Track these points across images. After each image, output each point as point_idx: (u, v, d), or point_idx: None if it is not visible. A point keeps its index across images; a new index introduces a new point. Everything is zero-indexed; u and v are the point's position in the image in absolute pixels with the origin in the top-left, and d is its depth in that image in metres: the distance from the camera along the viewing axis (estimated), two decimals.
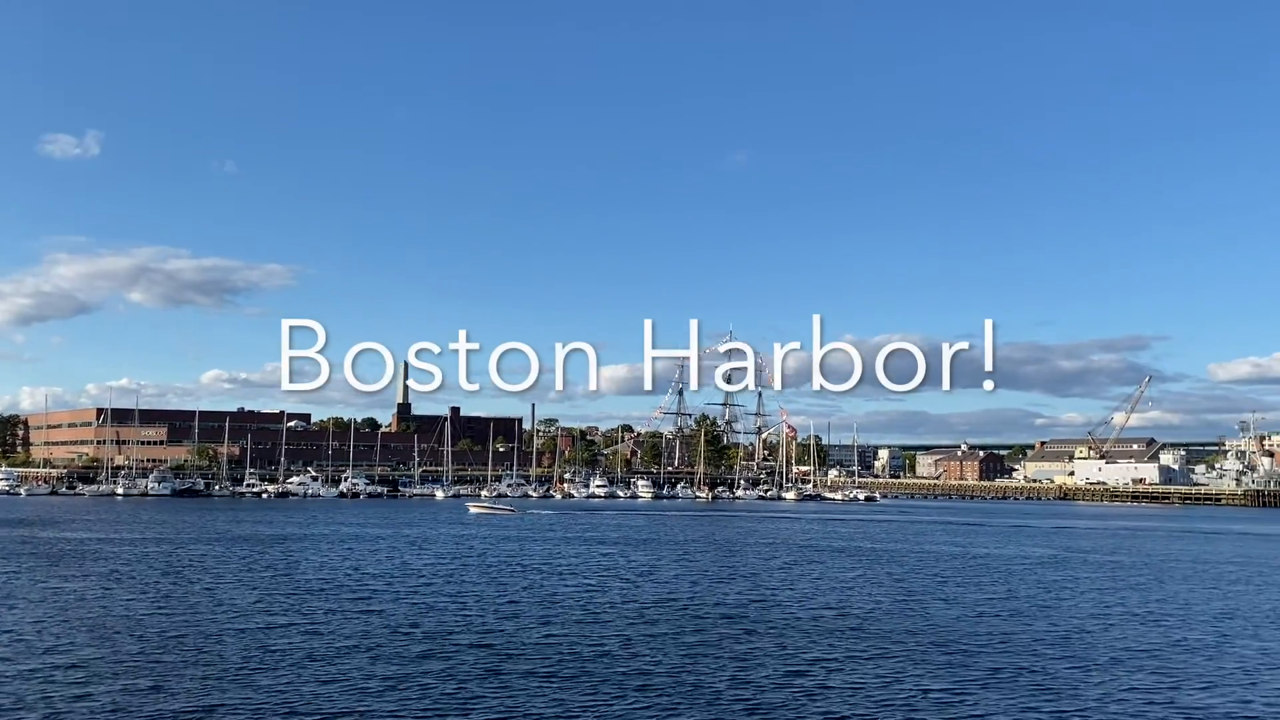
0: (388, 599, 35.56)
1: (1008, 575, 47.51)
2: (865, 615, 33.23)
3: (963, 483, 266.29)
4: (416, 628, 29.39)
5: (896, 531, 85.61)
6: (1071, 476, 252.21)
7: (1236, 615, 35.21)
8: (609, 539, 67.23)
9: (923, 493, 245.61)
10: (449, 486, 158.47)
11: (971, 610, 34.95)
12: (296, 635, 27.90)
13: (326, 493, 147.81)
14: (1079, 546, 69.11)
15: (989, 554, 60.72)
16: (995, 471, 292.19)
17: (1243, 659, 26.89)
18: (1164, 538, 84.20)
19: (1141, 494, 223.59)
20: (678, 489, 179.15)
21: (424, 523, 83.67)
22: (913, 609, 35.02)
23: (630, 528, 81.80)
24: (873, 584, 42.73)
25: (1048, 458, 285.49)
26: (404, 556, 52.16)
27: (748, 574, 45.66)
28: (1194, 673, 24.95)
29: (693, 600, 36.18)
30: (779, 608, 34.68)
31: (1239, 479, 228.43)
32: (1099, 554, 62.35)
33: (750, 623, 31.26)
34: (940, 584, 43.17)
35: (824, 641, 28.18)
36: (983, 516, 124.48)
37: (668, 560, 51.87)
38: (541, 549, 57.96)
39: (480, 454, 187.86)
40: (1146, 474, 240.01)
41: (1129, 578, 47.48)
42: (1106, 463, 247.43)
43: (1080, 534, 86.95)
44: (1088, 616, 34.04)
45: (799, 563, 52.04)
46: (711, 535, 73.65)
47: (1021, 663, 25.63)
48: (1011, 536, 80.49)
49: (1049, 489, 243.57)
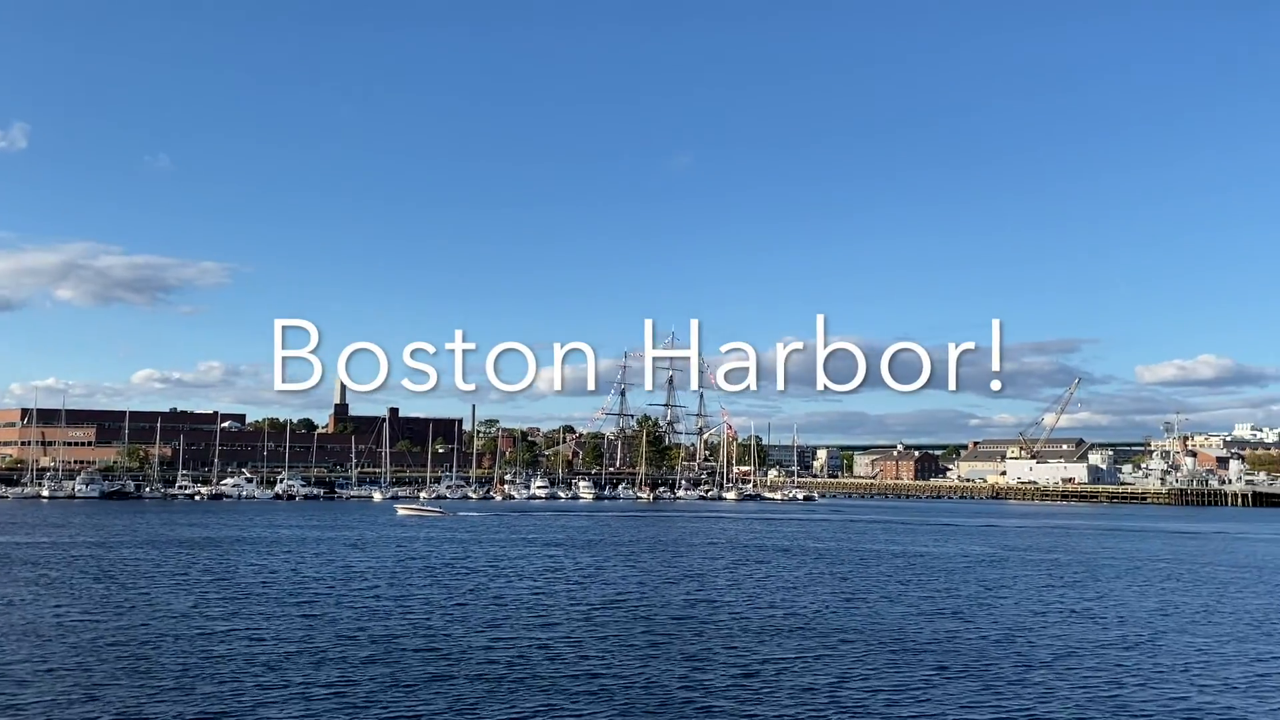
0: (330, 603, 34.86)
1: (948, 573, 48.18)
2: (813, 615, 33.39)
3: (898, 482, 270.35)
4: (361, 632, 28.83)
5: (838, 531, 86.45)
6: (1004, 476, 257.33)
7: (1171, 612, 36.07)
8: (553, 540, 66.81)
9: (859, 492, 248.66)
10: (387, 488, 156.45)
11: (916, 609, 35.33)
12: (236, 641, 27.20)
13: (261, 494, 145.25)
14: (1015, 545, 70.38)
15: (928, 552, 61.55)
16: (930, 471, 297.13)
17: (1179, 655, 27.50)
18: (1096, 536, 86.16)
19: (1071, 493, 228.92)
20: (619, 489, 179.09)
21: (363, 525, 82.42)
22: (859, 608, 35.29)
23: (574, 529, 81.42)
24: (818, 583, 43.01)
25: (981, 458, 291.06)
26: (345, 559, 51.27)
27: (694, 575, 45.65)
28: (1133, 669, 25.44)
29: (641, 601, 36.05)
30: (727, 608, 34.71)
31: (1163, 478, 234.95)
32: (1035, 552, 63.56)
33: (699, 623, 31.22)
34: (883, 583, 43.61)
35: (773, 641, 28.24)
36: (919, 515, 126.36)
37: (614, 562, 51.68)
38: (486, 551, 57.40)
39: (419, 455, 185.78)
40: (1076, 473, 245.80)
41: (1066, 575, 48.42)
42: (1037, 462, 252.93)
43: (1015, 533, 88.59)
44: (1029, 614, 34.60)
45: (744, 563, 52.20)
46: (656, 536, 73.59)
47: (967, 660, 25.94)
48: (949, 535, 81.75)
49: (982, 488, 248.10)
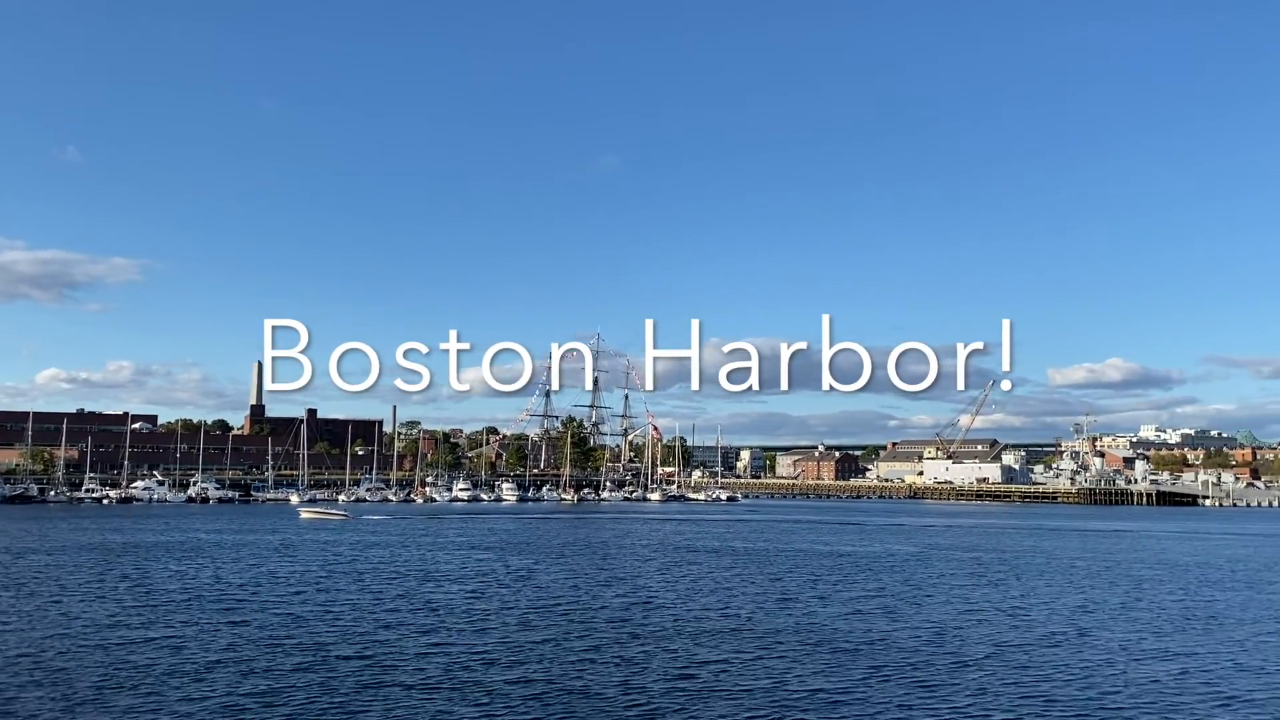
0: (254, 609, 33.76)
1: (877, 573, 48.76)
2: (748, 616, 33.40)
3: (819, 482, 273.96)
4: (288, 639, 27.93)
5: (765, 531, 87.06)
6: (921, 476, 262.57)
7: (1093, 609, 36.95)
8: (481, 543, 65.92)
9: (781, 492, 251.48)
10: (305, 491, 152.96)
11: (849, 608, 35.61)
12: (157, 650, 26.11)
13: (174, 498, 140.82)
14: (939, 544, 71.70)
15: (856, 552, 62.32)
16: (850, 471, 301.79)
17: (1105, 651, 28.13)
18: (1014, 535, 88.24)
19: (985, 492, 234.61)
20: (543, 491, 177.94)
21: (269, 529, 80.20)
22: (793, 608, 35.42)
23: (503, 531, 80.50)
24: (751, 584, 43.11)
25: (899, 458, 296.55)
26: (269, 564, 49.81)
27: (627, 577, 45.39)
28: (1063, 665, 25.91)
29: (576, 605, 35.65)
30: (663, 610, 34.52)
31: (1073, 478, 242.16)
32: (959, 551, 64.77)
33: (635, 626, 30.98)
34: (815, 583, 43.91)
35: (710, 643, 28.13)
36: (841, 515, 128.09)
37: (545, 564, 51.10)
38: (413, 555, 56.30)
39: (338, 457, 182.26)
40: (990, 473, 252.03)
41: (989, 574, 49.37)
42: (953, 463, 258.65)
43: (937, 532, 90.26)
44: (958, 613, 35.11)
45: (676, 564, 52.10)
46: (586, 538, 73.11)
47: (902, 660, 26.16)
48: (873, 535, 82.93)
49: (900, 488, 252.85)
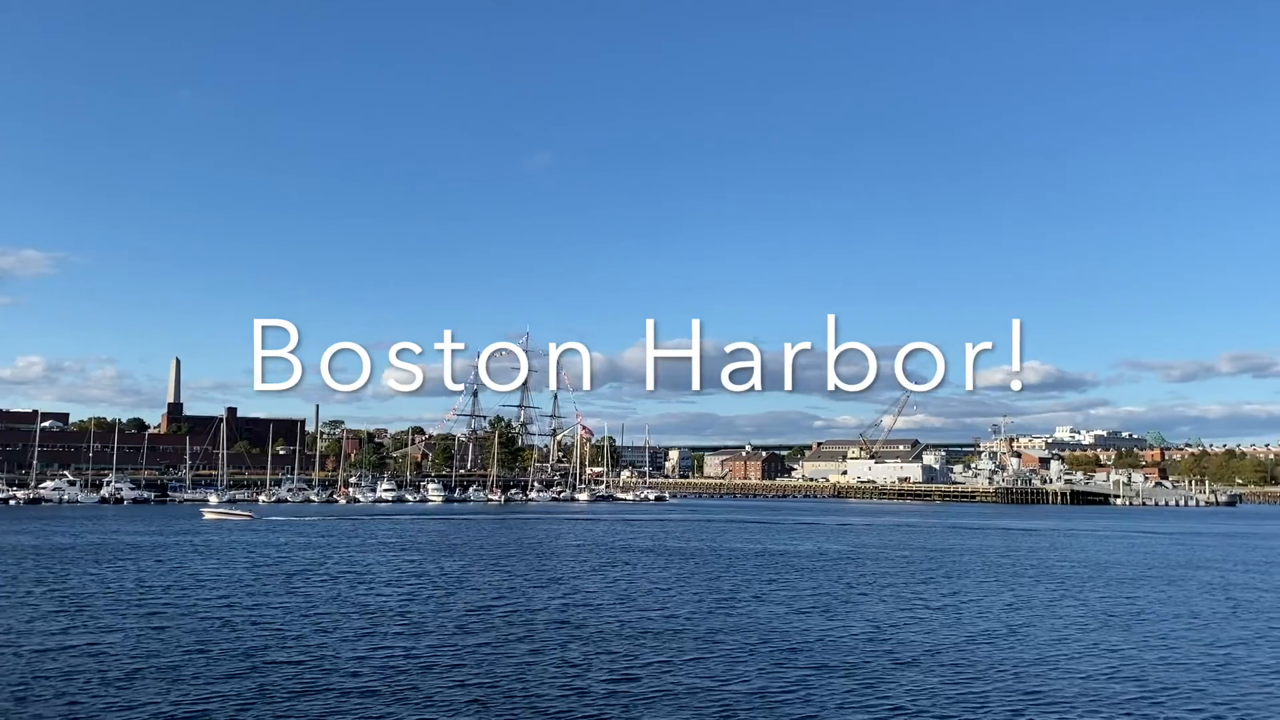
0: (179, 613, 32.65)
1: (811, 571, 49.20)
2: (687, 616, 33.35)
3: (746, 482, 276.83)
4: (216, 644, 27.03)
5: (697, 531, 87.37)
6: (845, 475, 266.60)
7: (1022, 606, 37.71)
8: (411, 544, 64.92)
9: (709, 492, 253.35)
10: (224, 491, 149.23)
11: (786, 607, 35.80)
12: (77, 658, 25.06)
13: (86, 498, 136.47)
14: (869, 543, 72.77)
15: (789, 550, 62.90)
16: (776, 471, 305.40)
17: (1038, 647, 28.68)
18: (940, 533, 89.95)
19: (907, 492, 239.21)
20: (470, 492, 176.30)
21: (189, 529, 78.02)
22: (731, 608, 35.48)
23: (435, 532, 79.43)
24: (688, 584, 43.10)
25: (824, 458, 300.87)
26: (192, 566, 48.32)
27: (563, 578, 45.03)
28: (999, 663, 26.31)
29: (513, 607, 35.22)
30: (601, 611, 34.29)
31: (991, 478, 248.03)
32: (889, 549, 65.79)
33: (575, 628, 30.69)
34: (751, 582, 44.11)
35: (651, 644, 27.99)
36: (769, 514, 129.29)
37: (479, 566, 50.48)
38: (343, 556, 55.15)
39: (259, 457, 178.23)
40: (911, 473, 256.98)
41: (919, 572, 50.16)
42: (876, 462, 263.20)
43: (864, 530, 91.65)
44: (894, 611, 35.54)
45: (613, 565, 51.87)
46: (519, 539, 72.45)
47: (841, 658, 26.33)
48: (803, 533, 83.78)
49: (824, 487, 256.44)
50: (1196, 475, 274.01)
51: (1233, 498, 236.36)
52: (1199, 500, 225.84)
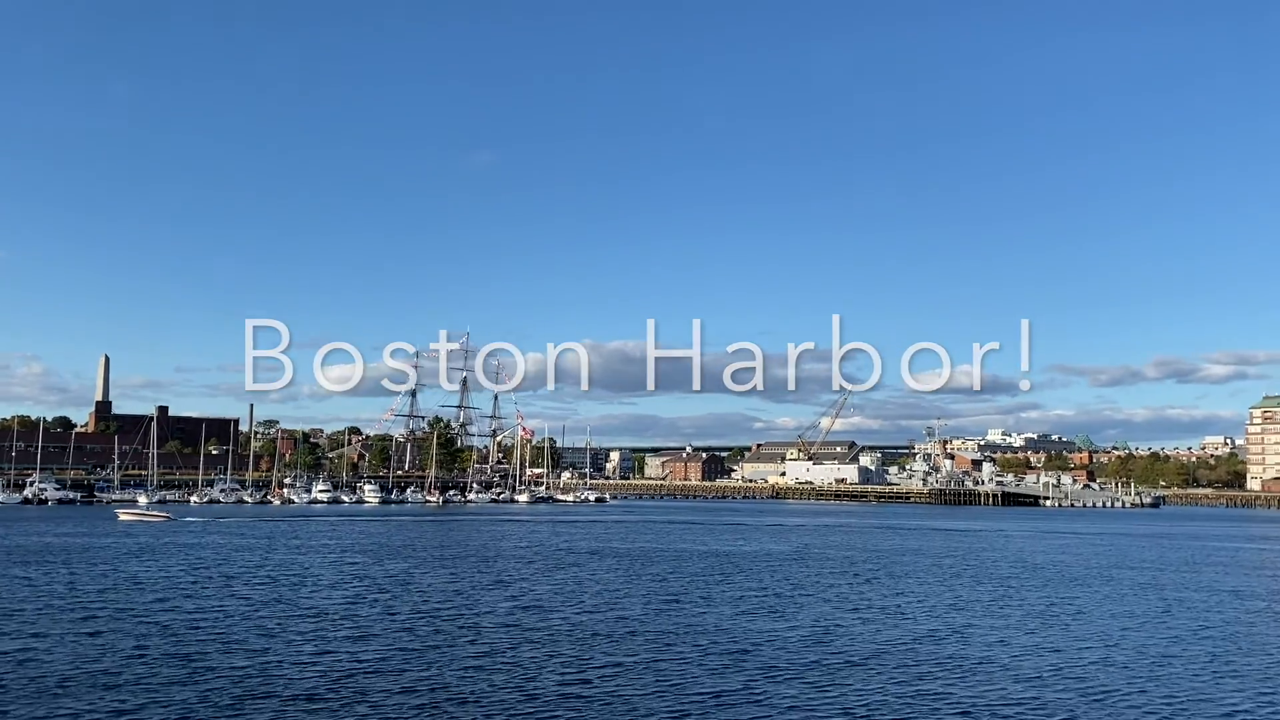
0: (113, 618, 31.62)
1: (757, 572, 49.38)
2: (637, 617, 33.23)
3: (687, 483, 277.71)
4: (155, 649, 26.21)
5: (644, 532, 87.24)
6: (783, 477, 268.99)
7: (965, 607, 38.24)
8: (353, 546, 63.82)
9: (650, 493, 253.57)
10: (154, 492, 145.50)
11: (735, 608, 35.85)
12: (5, 666, 24.08)
13: (9, 498, 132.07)
14: (812, 543, 73.40)
15: (734, 551, 63.16)
16: (716, 472, 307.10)
17: (982, 648, 29.06)
18: (880, 534, 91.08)
19: (843, 493, 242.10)
20: (407, 493, 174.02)
21: (102, 531, 75.74)
22: (681, 609, 35.43)
23: (380, 534, 78.19)
24: (636, 585, 42.98)
25: (763, 459, 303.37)
26: (127, 568, 46.90)
27: (510, 580, 44.59)
28: (945, 662, 26.63)
29: (462, 610, 34.76)
30: (552, 614, 33.99)
31: (925, 479, 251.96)
32: (832, 550, 66.41)
33: (524, 630, 30.38)
34: (699, 583, 44.14)
35: (603, 646, 27.81)
36: (710, 515, 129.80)
37: (424, 568, 49.75)
38: (283, 558, 53.97)
39: (191, 457, 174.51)
40: (848, 474, 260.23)
41: (864, 573, 50.67)
42: (814, 464, 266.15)
43: (807, 531, 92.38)
44: (842, 611, 35.81)
45: (559, 566, 51.52)
46: (464, 541, 71.54)
47: (792, 659, 26.42)
48: (746, 534, 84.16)
49: (763, 488, 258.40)
50: (1123, 477, 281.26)
51: (1156, 499, 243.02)
52: (1125, 502, 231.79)
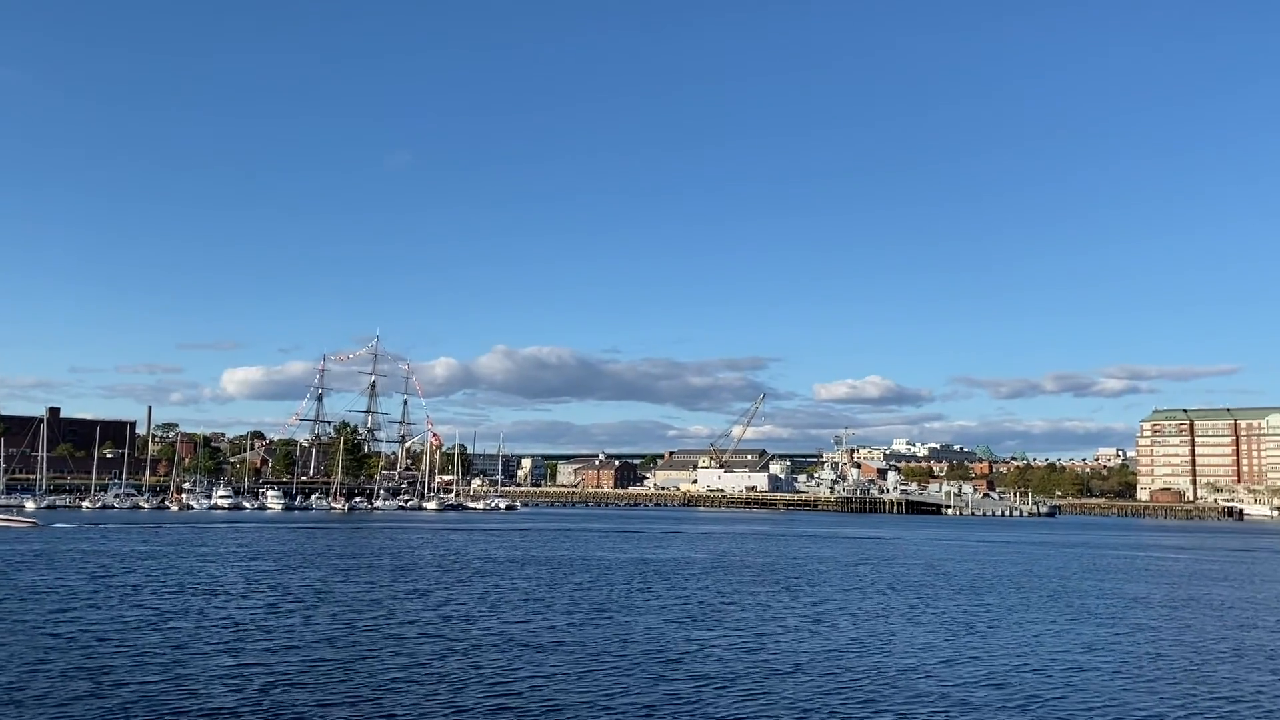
0: (10, 629, 29.91)
1: (681, 581, 49.33)
2: (564, 627, 32.82)
3: (599, 490, 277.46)
4: (58, 662, 24.85)
5: (564, 540, 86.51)
6: (695, 484, 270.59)
7: (886, 614, 38.77)
8: (260, 553, 61.82)
9: (562, 500, 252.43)
10: (43, 497, 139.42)
11: (662, 618, 35.69)
12: None
13: None
14: (732, 550, 73.86)
15: (655, 559, 63.15)
16: (629, 479, 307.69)
17: (908, 655, 29.46)
18: (795, 541, 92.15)
19: (753, 500, 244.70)
20: (311, 500, 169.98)
21: (38, 539, 72.34)
22: (608, 619, 35.11)
23: (285, 541, 75.90)
24: (560, 594, 42.50)
25: (675, 466, 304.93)
26: (20, 577, 44.52)
27: (431, 589, 43.63)
28: (875, 670, 26.87)
29: (383, 620, 33.85)
30: (476, 623, 33.36)
31: (832, 487, 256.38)
32: (752, 557, 66.84)
33: (450, 641, 29.72)
34: (624, 592, 43.88)
35: (533, 656, 27.34)
36: (623, 522, 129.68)
37: (339, 577, 48.35)
38: (190, 565, 51.94)
39: (84, 461, 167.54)
40: (758, 482, 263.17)
41: (784, 581, 51.06)
42: (725, 471, 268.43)
43: (724, 538, 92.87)
44: (767, 620, 35.96)
45: (480, 575, 50.66)
46: (378, 549, 69.91)
47: (723, 669, 26.34)
48: (666, 541, 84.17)
49: (675, 496, 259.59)
50: (1021, 487, 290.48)
51: (1052, 509, 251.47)
52: (1022, 511, 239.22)
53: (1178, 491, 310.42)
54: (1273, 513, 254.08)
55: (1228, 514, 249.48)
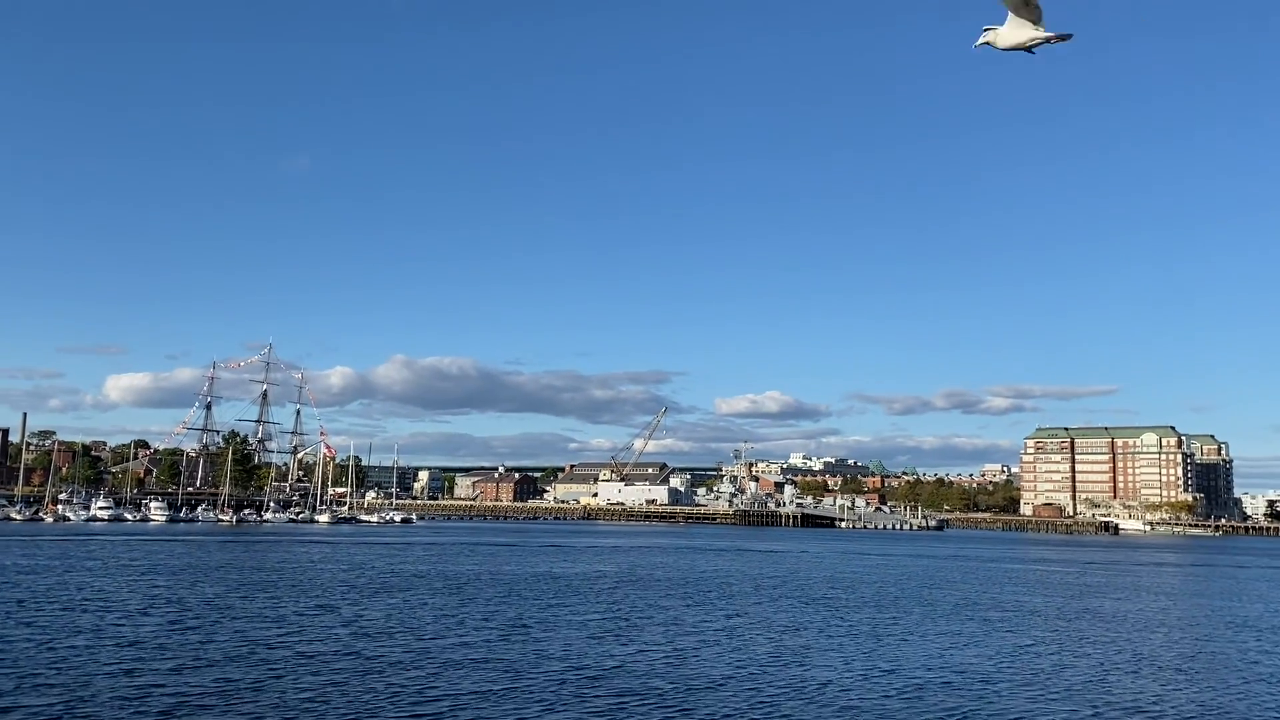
0: None
1: (594, 596, 48.88)
2: (485, 644, 32.14)
3: (498, 504, 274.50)
4: None
5: (468, 554, 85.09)
6: (595, 498, 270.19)
7: (801, 628, 39.09)
8: (160, 568, 59.08)
9: (460, 514, 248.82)
10: None
11: (580, 633, 35.25)
12: None
13: None
14: (641, 564, 73.80)
15: (565, 574, 62.59)
16: (529, 493, 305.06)
17: (825, 668, 29.70)
18: (700, 555, 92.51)
19: (653, 514, 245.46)
20: (198, 511, 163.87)
21: None
22: (524, 636, 34.50)
23: (167, 555, 72.74)
24: (474, 610, 41.62)
25: (576, 480, 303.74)
26: None
27: (337, 606, 42.21)
28: (794, 685, 27.00)
29: (290, 638, 32.56)
30: (391, 640, 32.38)
31: (731, 500, 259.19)
32: (662, 571, 66.82)
33: (365, 659, 28.77)
34: (537, 606, 43.30)
35: (452, 675, 26.64)
36: (519, 536, 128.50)
37: (241, 592, 46.41)
38: (79, 580, 49.19)
39: None
40: (659, 495, 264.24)
41: (697, 595, 51.11)
42: (626, 484, 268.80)
43: (631, 552, 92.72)
44: (683, 634, 35.88)
45: (388, 590, 49.32)
46: (279, 563, 67.55)
47: (647, 686, 26.12)
48: (573, 556, 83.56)
49: (575, 509, 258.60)
50: (911, 501, 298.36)
51: (941, 522, 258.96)
52: (912, 524, 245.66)
53: (1059, 506, 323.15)
54: (1145, 527, 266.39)
55: (1104, 528, 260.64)
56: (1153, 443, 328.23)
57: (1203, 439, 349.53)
